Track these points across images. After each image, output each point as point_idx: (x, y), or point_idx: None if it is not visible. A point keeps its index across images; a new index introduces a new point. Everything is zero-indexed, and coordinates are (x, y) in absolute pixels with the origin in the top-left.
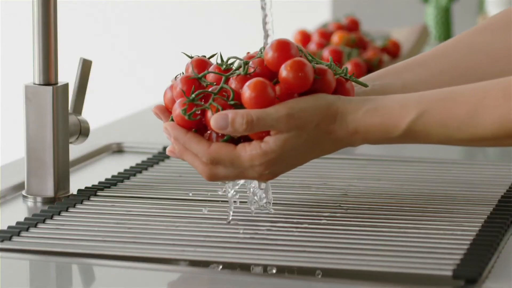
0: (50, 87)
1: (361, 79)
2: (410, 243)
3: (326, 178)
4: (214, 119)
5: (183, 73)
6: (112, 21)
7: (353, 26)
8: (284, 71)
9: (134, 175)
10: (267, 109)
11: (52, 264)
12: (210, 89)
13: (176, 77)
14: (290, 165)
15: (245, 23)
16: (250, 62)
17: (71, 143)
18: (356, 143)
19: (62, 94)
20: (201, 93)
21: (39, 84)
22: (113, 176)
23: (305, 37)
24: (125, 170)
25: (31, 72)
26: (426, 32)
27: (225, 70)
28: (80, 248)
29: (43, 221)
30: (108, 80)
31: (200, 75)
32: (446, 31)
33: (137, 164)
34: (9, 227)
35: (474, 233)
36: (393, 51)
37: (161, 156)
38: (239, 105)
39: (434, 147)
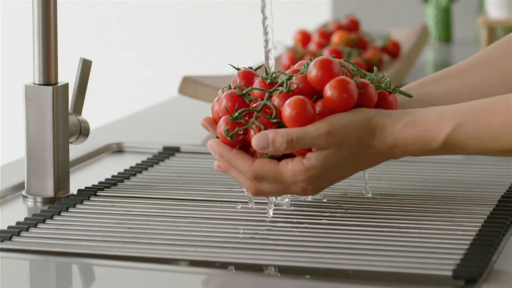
0: (50, 87)
1: (404, 88)
2: (410, 243)
3: None
4: (255, 140)
5: (230, 86)
6: (112, 21)
7: (353, 26)
8: (328, 91)
9: (134, 175)
10: (307, 127)
11: (52, 264)
12: (254, 105)
13: (223, 89)
14: (333, 180)
15: (245, 23)
16: (293, 78)
17: (71, 143)
18: (396, 156)
19: (62, 94)
20: (244, 111)
21: (39, 84)
22: (113, 176)
23: (305, 37)
24: (125, 170)
25: (31, 72)
26: (426, 32)
27: (269, 84)
28: (80, 248)
29: (43, 221)
30: (108, 80)
31: (244, 92)
32: (446, 31)
33: (137, 164)
34: (9, 227)
35: (474, 233)
36: (393, 51)
37: (161, 156)
38: (281, 122)
39: None
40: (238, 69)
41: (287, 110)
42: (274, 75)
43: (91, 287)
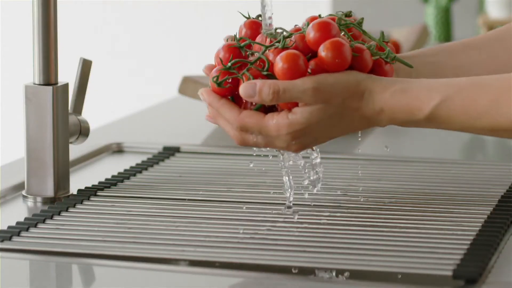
0: (50, 87)
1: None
2: (410, 243)
3: (326, 178)
4: (242, 87)
5: (236, 37)
6: (112, 21)
7: None
8: (322, 51)
9: (134, 175)
10: (295, 81)
11: (52, 264)
12: (251, 58)
13: (227, 38)
14: (317, 138)
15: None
16: (293, 37)
17: (71, 143)
18: (382, 122)
19: (62, 94)
20: (237, 62)
21: (39, 84)
22: (113, 176)
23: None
24: (125, 170)
25: (31, 72)
26: (426, 32)
27: (270, 40)
28: (80, 248)
29: (43, 221)
30: (108, 80)
31: (242, 45)
32: (446, 31)
33: (137, 164)
34: (9, 227)
35: (474, 233)
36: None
37: (161, 156)
38: (272, 76)
39: (434, 147)
40: (247, 17)
41: (279, 63)
42: (276, 31)
43: (91, 287)
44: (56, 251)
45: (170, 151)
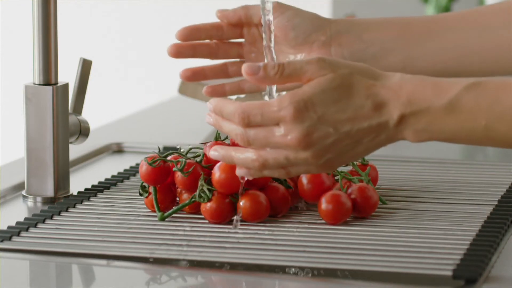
0: (50, 87)
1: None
2: (410, 243)
3: None
4: (245, 65)
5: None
6: (112, 21)
7: None
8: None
9: (134, 175)
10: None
11: (52, 264)
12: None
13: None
14: (321, 116)
15: None
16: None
17: (71, 143)
18: (396, 109)
19: (62, 94)
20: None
21: (39, 84)
22: (113, 176)
23: None
24: (125, 170)
25: (31, 72)
26: None
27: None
28: (80, 248)
29: (43, 221)
30: (108, 80)
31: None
32: None
33: (137, 164)
34: (9, 227)
35: (474, 233)
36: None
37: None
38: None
39: (434, 147)
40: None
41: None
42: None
43: (91, 287)
44: (56, 251)
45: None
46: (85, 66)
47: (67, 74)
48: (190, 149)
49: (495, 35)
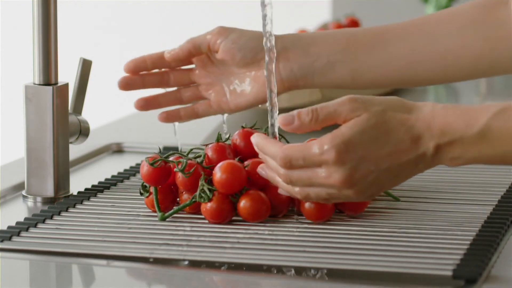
0: (50, 87)
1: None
2: (410, 243)
3: None
4: (281, 117)
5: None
6: (112, 21)
7: (353, 26)
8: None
9: (134, 175)
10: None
11: (52, 264)
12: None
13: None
14: (363, 157)
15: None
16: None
17: (71, 143)
18: (431, 140)
19: (62, 94)
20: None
21: (39, 84)
22: (113, 176)
23: None
24: (125, 170)
25: (31, 72)
26: None
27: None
28: (80, 248)
29: (43, 221)
30: (109, 80)
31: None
32: None
33: (137, 164)
34: (9, 227)
35: (474, 233)
36: None
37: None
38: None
39: None
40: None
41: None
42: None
43: (91, 287)
44: (56, 251)
45: (170, 151)
46: (85, 66)
47: (67, 74)
48: (191, 149)
49: (440, 44)
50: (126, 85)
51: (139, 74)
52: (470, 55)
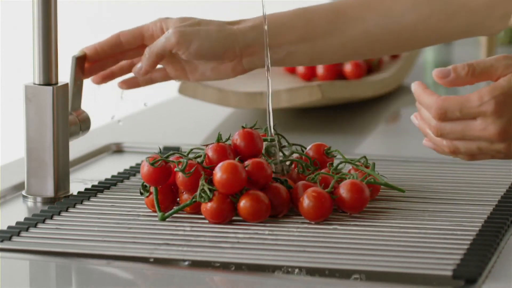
0: (50, 87)
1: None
2: (410, 243)
3: None
4: (437, 70)
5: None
6: (112, 21)
7: None
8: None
9: (134, 175)
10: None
11: (52, 264)
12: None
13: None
14: None
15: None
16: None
17: (74, 137)
18: None
19: (62, 94)
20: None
21: (39, 84)
22: (113, 176)
23: None
24: (125, 170)
25: (31, 72)
26: None
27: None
28: (80, 248)
29: (43, 221)
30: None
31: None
32: None
33: (137, 164)
34: (9, 227)
35: (474, 233)
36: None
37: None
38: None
39: None
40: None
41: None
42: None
43: (91, 287)
44: (56, 251)
45: (170, 151)
46: (79, 63)
47: (67, 74)
48: (191, 149)
49: (396, 21)
50: (101, 79)
51: (108, 70)
52: (425, 28)
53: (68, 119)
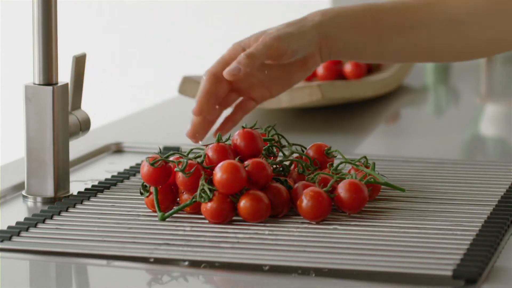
0: (50, 87)
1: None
2: (410, 243)
3: None
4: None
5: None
6: (112, 21)
7: None
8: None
9: (134, 175)
10: None
11: (52, 264)
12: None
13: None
14: None
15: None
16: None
17: (74, 137)
18: None
19: (62, 94)
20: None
21: (39, 84)
22: (113, 176)
23: None
24: (125, 170)
25: (31, 72)
26: None
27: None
28: (80, 248)
29: (43, 221)
30: (108, 80)
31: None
32: None
33: (137, 164)
34: (9, 227)
35: (474, 233)
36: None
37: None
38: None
39: (434, 147)
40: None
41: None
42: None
43: (91, 287)
44: (56, 251)
45: (170, 151)
46: (79, 63)
47: (67, 74)
48: (191, 150)
49: (462, 30)
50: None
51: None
52: (485, 38)
53: (68, 119)
